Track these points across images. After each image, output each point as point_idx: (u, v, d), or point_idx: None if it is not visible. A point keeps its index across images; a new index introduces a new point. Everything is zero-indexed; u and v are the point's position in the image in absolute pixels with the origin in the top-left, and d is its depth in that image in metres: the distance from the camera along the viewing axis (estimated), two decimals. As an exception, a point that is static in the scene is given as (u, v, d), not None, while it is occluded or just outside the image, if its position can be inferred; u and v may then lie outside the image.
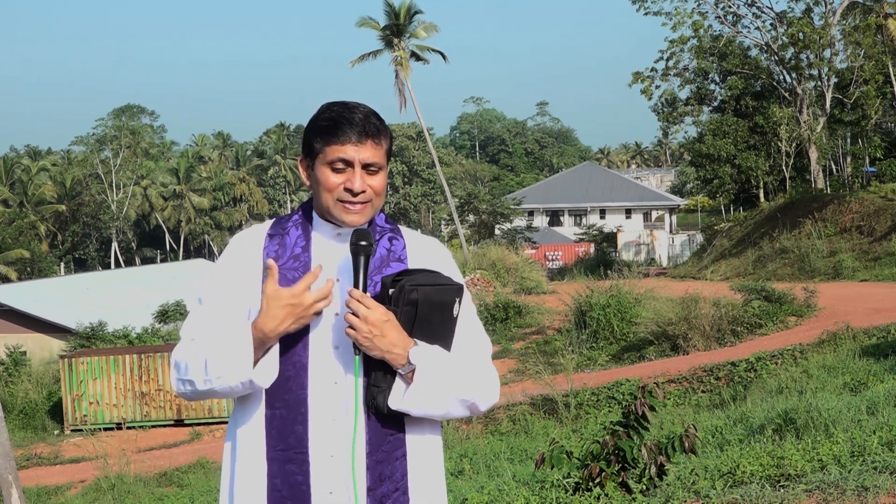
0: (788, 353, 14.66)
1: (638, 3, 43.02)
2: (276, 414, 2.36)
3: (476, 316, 2.52)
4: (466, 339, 2.44)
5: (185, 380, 2.38)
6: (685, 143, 49.11)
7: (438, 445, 2.48)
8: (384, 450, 2.35)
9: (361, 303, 2.29)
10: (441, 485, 2.47)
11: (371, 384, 2.34)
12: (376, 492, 2.34)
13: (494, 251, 38.13)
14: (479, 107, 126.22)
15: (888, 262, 28.29)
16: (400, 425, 2.37)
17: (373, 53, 45.93)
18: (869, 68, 39.09)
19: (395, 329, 2.30)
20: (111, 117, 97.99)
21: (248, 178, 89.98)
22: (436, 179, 77.81)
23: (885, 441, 6.24)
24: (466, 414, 2.43)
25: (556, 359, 19.30)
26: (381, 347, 2.29)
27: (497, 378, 2.48)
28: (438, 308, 2.35)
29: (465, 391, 2.37)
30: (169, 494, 13.31)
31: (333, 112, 2.41)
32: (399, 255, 2.47)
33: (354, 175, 2.38)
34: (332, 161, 2.38)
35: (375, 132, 2.40)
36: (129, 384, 24.01)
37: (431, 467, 2.44)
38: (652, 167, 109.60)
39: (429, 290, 2.33)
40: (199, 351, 2.36)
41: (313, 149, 2.42)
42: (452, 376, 2.35)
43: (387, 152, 2.44)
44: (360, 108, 2.42)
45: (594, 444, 5.92)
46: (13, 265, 65.68)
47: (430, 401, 2.34)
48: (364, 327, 2.27)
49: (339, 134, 2.37)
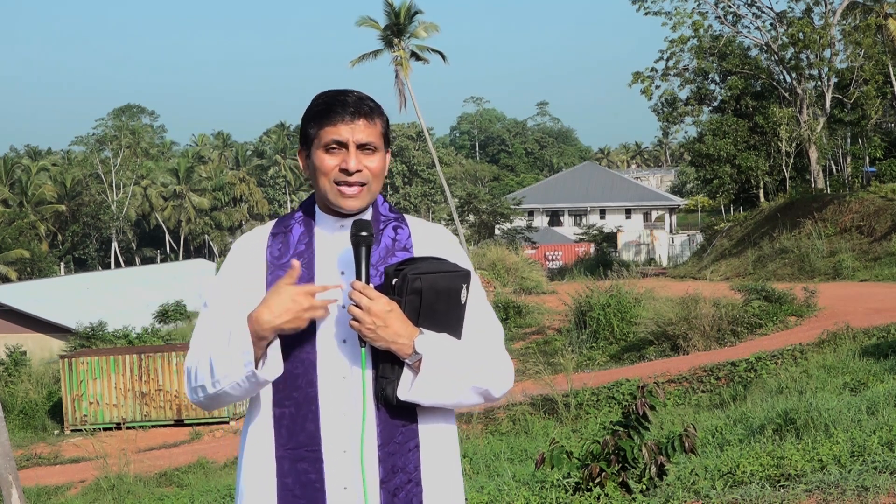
0: (788, 353, 14.67)
1: (638, 3, 43.04)
2: (285, 412, 2.35)
3: (486, 301, 2.49)
4: (476, 325, 2.41)
5: (196, 386, 2.38)
6: (685, 143, 49.10)
7: (453, 435, 2.45)
8: (396, 441, 2.33)
9: (364, 294, 2.27)
10: (457, 475, 2.44)
11: (379, 376, 2.32)
12: (389, 484, 2.32)
13: (494, 251, 38.12)
14: (479, 107, 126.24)
15: (888, 262, 28.29)
16: (412, 416, 2.35)
17: (373, 53, 45.92)
18: (869, 68, 39.10)
19: (399, 319, 2.28)
20: (111, 117, 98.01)
21: (248, 178, 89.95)
22: (436, 179, 77.79)
23: (885, 441, 6.24)
24: (480, 402, 2.40)
25: (556, 359, 19.31)
26: (385, 338, 2.27)
27: (511, 364, 2.44)
28: (445, 295, 2.32)
29: (477, 378, 2.34)
30: (169, 494, 13.30)
31: (327, 97, 2.42)
32: (404, 244, 2.45)
33: (349, 155, 2.37)
34: (327, 143, 2.38)
35: (368, 111, 2.40)
36: (129, 384, 24.01)
37: (446, 458, 2.41)
38: (652, 167, 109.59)
39: (434, 278, 2.30)
40: (204, 354, 2.36)
41: (308, 135, 2.42)
42: (462, 364, 2.32)
43: (382, 134, 2.43)
44: (353, 92, 2.43)
45: (594, 444, 5.91)
46: (13, 265, 65.67)
47: (439, 390, 2.31)
48: (367, 318, 2.25)
49: (331, 115, 2.38)
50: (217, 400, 2.37)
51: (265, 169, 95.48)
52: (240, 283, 2.43)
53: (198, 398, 2.39)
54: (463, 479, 2.51)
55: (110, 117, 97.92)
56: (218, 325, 2.38)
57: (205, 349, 2.36)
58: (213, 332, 2.38)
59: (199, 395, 2.38)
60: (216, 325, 2.39)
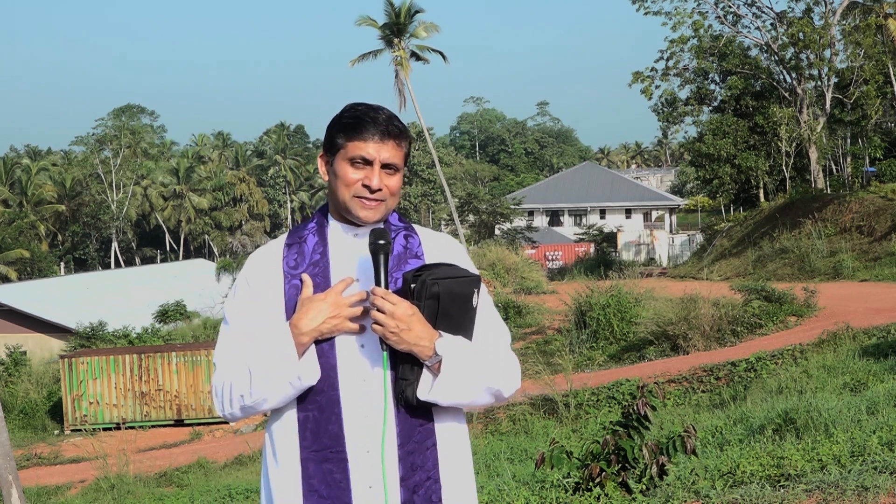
0: (788, 353, 14.65)
1: (638, 3, 43.03)
2: (308, 416, 2.41)
3: (493, 306, 2.58)
4: (486, 328, 2.50)
5: (231, 399, 2.43)
6: (685, 143, 49.11)
7: (465, 434, 2.53)
8: (415, 440, 2.41)
9: (386, 299, 2.33)
10: (469, 472, 2.53)
11: (399, 377, 2.39)
12: (409, 482, 2.39)
13: (494, 251, 38.13)
14: (479, 107, 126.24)
15: (888, 262, 28.29)
16: (429, 416, 2.43)
17: (373, 53, 45.92)
18: (869, 68, 39.10)
19: (420, 322, 2.35)
20: (111, 117, 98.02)
21: (248, 178, 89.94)
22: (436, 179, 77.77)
23: (885, 441, 6.24)
24: (492, 401, 2.49)
25: (556, 359, 19.30)
26: (408, 341, 2.34)
27: (518, 364, 2.54)
28: (459, 300, 2.40)
29: (491, 379, 2.43)
30: (169, 494, 13.30)
31: (358, 111, 2.47)
32: (416, 251, 2.53)
33: (373, 173, 2.44)
34: (353, 157, 2.44)
35: (398, 133, 2.47)
36: (129, 384, 24.02)
37: (460, 455, 2.49)
38: (652, 167, 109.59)
39: (449, 283, 2.38)
40: (239, 366, 2.42)
41: (335, 144, 2.48)
42: (478, 365, 2.41)
43: (405, 155, 2.51)
44: (385, 110, 2.49)
45: (594, 444, 5.91)
46: (13, 265, 65.69)
47: (457, 390, 2.39)
48: (391, 322, 2.32)
49: (362, 131, 2.44)
50: (253, 410, 2.44)
51: (265, 169, 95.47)
52: (258, 297, 2.48)
53: (232, 410, 2.45)
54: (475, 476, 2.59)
55: (110, 117, 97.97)
56: (244, 339, 2.45)
57: (239, 363, 2.42)
58: (242, 347, 2.44)
59: (235, 408, 2.44)
60: (243, 341, 2.45)
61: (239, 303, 2.50)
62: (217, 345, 2.51)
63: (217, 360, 2.48)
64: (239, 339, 2.46)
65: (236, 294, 2.52)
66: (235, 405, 2.43)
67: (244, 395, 2.40)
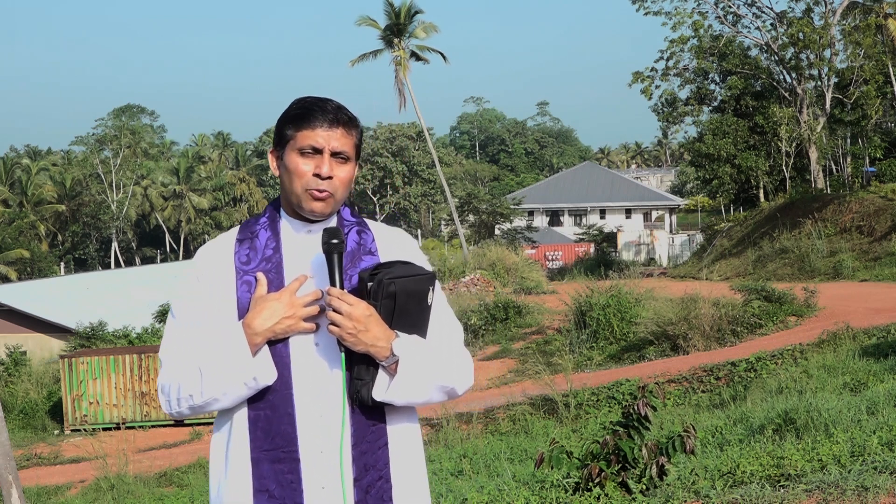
0: (788, 353, 14.65)
1: (638, 3, 43.03)
2: (260, 415, 2.37)
3: (447, 303, 2.55)
4: (440, 325, 2.48)
5: (178, 399, 2.38)
6: (685, 143, 49.10)
7: (417, 433, 2.51)
8: (368, 440, 2.38)
9: (342, 300, 2.31)
10: (422, 470, 2.50)
11: (354, 378, 2.36)
12: (362, 482, 2.37)
13: (494, 251, 38.13)
14: (479, 107, 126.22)
15: (888, 262, 28.28)
16: (381, 416, 2.41)
17: (373, 53, 45.94)
18: (869, 68, 39.09)
19: (377, 323, 2.33)
20: (111, 117, 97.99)
21: (248, 178, 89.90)
22: (436, 179, 77.78)
23: (885, 441, 6.24)
24: (445, 399, 2.48)
25: (556, 359, 19.30)
26: (365, 342, 2.31)
27: (471, 362, 2.52)
28: (415, 298, 2.38)
29: (446, 378, 2.42)
30: (169, 494, 13.30)
31: (306, 102, 2.46)
32: (369, 247, 2.50)
33: (323, 160, 2.40)
34: (303, 147, 2.40)
35: (347, 121, 2.44)
36: (129, 384, 24.00)
37: (412, 454, 2.47)
38: (652, 167, 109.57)
39: (405, 282, 2.36)
40: (188, 365, 2.36)
41: (284, 136, 2.45)
42: (433, 365, 2.39)
43: (356, 145, 2.47)
44: (332, 101, 2.47)
45: (594, 444, 5.91)
46: (13, 265, 65.68)
47: (413, 390, 2.37)
48: (348, 324, 2.29)
49: (311, 120, 2.41)
50: (202, 410, 2.40)
51: (265, 169, 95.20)
52: (208, 293, 2.43)
53: (180, 409, 2.39)
54: (428, 476, 2.57)
55: (110, 117, 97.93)
56: (193, 337, 2.39)
57: (188, 362, 2.37)
58: (190, 345, 2.39)
59: (182, 407, 2.39)
60: (192, 338, 2.39)
61: (188, 298, 2.44)
62: (163, 340, 2.45)
63: (163, 357, 2.42)
64: (187, 336, 2.40)
65: (185, 289, 2.45)
66: (184, 404, 2.38)
67: (193, 395, 2.35)
